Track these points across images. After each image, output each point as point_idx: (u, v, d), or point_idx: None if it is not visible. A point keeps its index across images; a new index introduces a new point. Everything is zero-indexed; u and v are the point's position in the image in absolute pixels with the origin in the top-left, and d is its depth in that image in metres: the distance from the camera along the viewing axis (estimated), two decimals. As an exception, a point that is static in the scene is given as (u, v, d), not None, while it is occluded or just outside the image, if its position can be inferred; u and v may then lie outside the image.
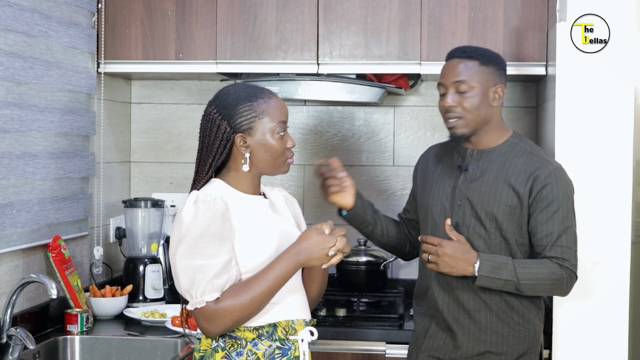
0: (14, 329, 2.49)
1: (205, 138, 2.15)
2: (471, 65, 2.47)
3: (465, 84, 2.46)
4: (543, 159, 2.50)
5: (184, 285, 2.04)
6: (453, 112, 2.47)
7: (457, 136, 2.50)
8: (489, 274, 2.38)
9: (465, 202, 2.49)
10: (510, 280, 2.39)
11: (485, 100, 2.47)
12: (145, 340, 2.83)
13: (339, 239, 2.06)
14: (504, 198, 2.46)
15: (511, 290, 2.42)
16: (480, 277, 2.38)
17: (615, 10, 2.74)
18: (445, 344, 2.53)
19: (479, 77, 2.47)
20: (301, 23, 3.17)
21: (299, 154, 3.58)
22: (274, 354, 2.10)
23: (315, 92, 3.24)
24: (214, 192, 2.09)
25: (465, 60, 2.48)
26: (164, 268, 3.37)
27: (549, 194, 2.44)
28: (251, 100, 2.13)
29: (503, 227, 2.46)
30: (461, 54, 2.51)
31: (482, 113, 2.47)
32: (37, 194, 2.82)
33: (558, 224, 2.43)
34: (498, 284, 2.40)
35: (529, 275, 2.39)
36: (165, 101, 3.68)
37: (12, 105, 2.66)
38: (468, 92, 2.46)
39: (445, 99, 2.49)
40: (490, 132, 2.52)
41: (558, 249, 2.43)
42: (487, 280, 2.39)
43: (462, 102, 2.46)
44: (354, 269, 3.37)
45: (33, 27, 2.76)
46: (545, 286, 2.42)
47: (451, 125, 2.49)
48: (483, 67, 2.48)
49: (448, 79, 2.48)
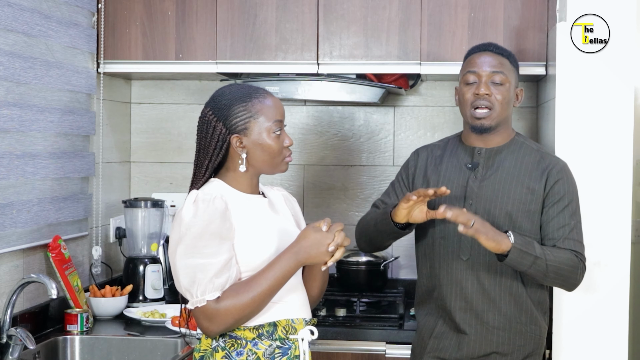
0: (14, 329, 2.49)
1: (201, 140, 2.15)
2: (505, 62, 2.51)
3: (503, 76, 2.47)
4: (552, 156, 2.56)
5: (184, 284, 2.05)
6: (485, 100, 2.46)
7: (483, 127, 2.48)
8: (522, 247, 2.33)
9: (478, 201, 2.49)
10: (540, 258, 2.35)
11: (512, 98, 2.51)
12: (145, 340, 2.83)
13: (336, 234, 2.06)
14: (518, 195, 2.47)
15: (537, 272, 2.36)
16: (514, 249, 2.31)
17: (615, 10, 2.74)
18: (451, 344, 2.53)
19: (512, 74, 2.51)
20: (301, 23, 3.17)
21: (298, 154, 3.58)
22: (274, 353, 2.10)
23: (315, 92, 3.24)
24: (214, 192, 2.09)
25: (499, 56, 2.51)
26: (164, 268, 3.37)
27: (561, 189, 2.47)
28: (246, 101, 2.13)
29: (517, 223, 2.46)
30: (495, 49, 2.53)
31: (508, 110, 2.50)
32: (37, 194, 2.82)
33: (569, 218, 2.46)
34: (528, 261, 2.34)
35: (554, 257, 2.39)
36: (165, 101, 3.68)
37: (12, 105, 2.66)
38: (503, 84, 2.47)
39: (477, 87, 2.47)
40: (502, 131, 2.54)
41: (571, 241, 2.45)
42: (519, 254, 2.32)
43: (497, 92, 2.47)
44: (354, 269, 3.37)
45: (33, 27, 2.76)
46: (565, 272, 2.40)
47: (480, 115, 2.47)
48: (512, 67, 2.52)
49: (485, 69, 2.48)
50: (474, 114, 2.48)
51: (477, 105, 2.47)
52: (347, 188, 3.60)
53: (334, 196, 3.61)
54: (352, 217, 3.58)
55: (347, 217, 3.58)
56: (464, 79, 2.51)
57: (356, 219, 3.56)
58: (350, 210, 3.59)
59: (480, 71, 2.48)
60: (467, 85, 2.50)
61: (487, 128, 2.48)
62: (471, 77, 2.50)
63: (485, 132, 2.50)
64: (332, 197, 3.61)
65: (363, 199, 3.59)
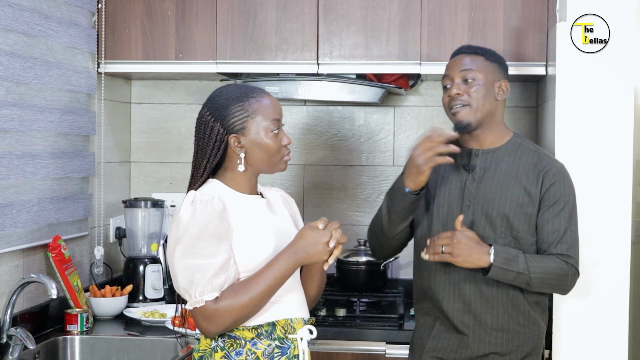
0: (14, 329, 2.49)
1: (199, 140, 2.16)
2: (477, 59, 2.51)
3: (472, 73, 2.48)
4: (549, 157, 2.54)
5: (183, 284, 2.05)
6: (459, 99, 2.48)
7: (462, 124, 2.48)
8: (503, 265, 2.37)
9: (475, 202, 2.49)
10: (522, 274, 2.39)
11: (490, 92, 2.49)
12: (145, 340, 2.83)
13: (334, 231, 2.06)
14: (515, 197, 2.47)
15: (521, 284, 2.42)
16: (495, 267, 2.37)
17: (615, 10, 2.74)
18: (450, 344, 2.53)
19: (485, 68, 2.50)
20: (301, 23, 3.18)
21: (298, 154, 3.58)
22: (273, 353, 2.10)
23: (315, 92, 3.24)
24: (212, 192, 2.10)
25: (472, 54, 2.52)
26: (164, 268, 3.37)
27: (556, 192, 2.47)
28: (243, 101, 2.13)
29: (514, 226, 2.46)
30: (467, 49, 2.55)
31: (487, 104, 2.48)
32: (37, 194, 2.83)
33: (564, 221, 2.46)
34: (510, 276, 2.39)
35: (539, 269, 2.40)
36: (165, 101, 3.68)
37: (12, 105, 2.66)
38: (474, 81, 2.48)
39: (450, 89, 2.50)
40: (494, 129, 2.53)
41: (564, 245, 2.45)
42: (500, 271, 2.38)
43: (468, 90, 2.48)
44: (354, 269, 3.37)
45: (33, 27, 2.76)
46: (552, 281, 2.43)
47: (456, 111, 2.48)
48: (488, 62, 2.52)
49: (454, 70, 2.50)
50: (452, 112, 2.51)
51: (452, 106, 2.50)
52: (347, 188, 3.60)
53: (334, 196, 3.61)
54: (352, 217, 3.59)
55: (347, 217, 3.58)
56: (442, 85, 2.55)
57: (356, 219, 3.58)
58: (350, 210, 3.60)
59: (451, 73, 2.51)
60: (445, 90, 2.54)
61: (468, 124, 2.48)
62: (446, 81, 2.53)
63: (470, 130, 2.50)
64: (332, 197, 3.61)
65: (363, 199, 3.59)
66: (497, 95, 2.51)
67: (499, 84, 2.52)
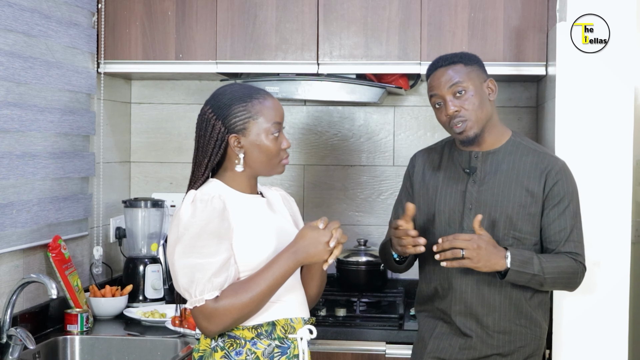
0: (14, 329, 2.49)
1: (200, 138, 2.15)
2: (458, 68, 2.46)
3: (460, 85, 2.44)
4: (550, 155, 2.53)
5: (183, 284, 2.05)
6: (458, 117, 2.44)
7: (469, 139, 2.46)
8: (519, 268, 2.38)
9: (478, 206, 2.48)
10: (537, 275, 2.39)
11: (483, 97, 2.47)
12: (145, 340, 2.83)
13: (334, 231, 2.06)
14: (518, 198, 2.46)
15: (535, 285, 2.43)
16: (512, 271, 2.37)
17: (615, 10, 2.74)
18: (452, 345, 2.52)
19: (469, 75, 2.46)
20: (301, 23, 3.18)
21: (298, 154, 3.58)
22: (273, 352, 2.10)
23: (315, 92, 3.24)
24: (212, 191, 2.10)
25: (450, 65, 2.47)
26: (164, 268, 3.37)
27: (560, 190, 2.47)
28: (246, 101, 2.13)
29: (518, 227, 2.46)
30: (443, 62, 2.49)
31: (484, 110, 2.46)
32: (37, 194, 2.82)
33: (570, 219, 2.47)
34: (525, 279, 2.40)
35: (552, 269, 2.41)
36: (165, 101, 3.68)
37: (12, 105, 2.66)
38: (465, 93, 2.44)
39: (446, 108, 2.45)
40: (492, 130, 2.51)
41: (571, 243, 2.46)
42: (517, 275, 2.38)
43: (463, 104, 2.44)
44: (354, 269, 3.37)
45: (33, 27, 2.76)
46: (564, 280, 2.45)
47: (460, 130, 2.45)
48: (469, 67, 2.47)
49: (442, 87, 2.45)
50: (455, 130, 2.46)
51: (452, 125, 2.46)
52: (347, 188, 3.60)
53: (334, 196, 3.61)
54: (352, 217, 3.59)
55: (347, 217, 3.58)
56: (432, 103, 2.51)
57: (356, 219, 3.58)
58: (350, 210, 3.60)
59: (440, 92, 2.46)
60: (437, 108, 2.49)
61: (474, 137, 2.47)
62: (436, 100, 2.48)
63: (475, 141, 2.49)
64: (332, 197, 3.61)
65: (363, 199, 3.59)
66: (489, 97, 2.49)
67: (486, 84, 2.49)
